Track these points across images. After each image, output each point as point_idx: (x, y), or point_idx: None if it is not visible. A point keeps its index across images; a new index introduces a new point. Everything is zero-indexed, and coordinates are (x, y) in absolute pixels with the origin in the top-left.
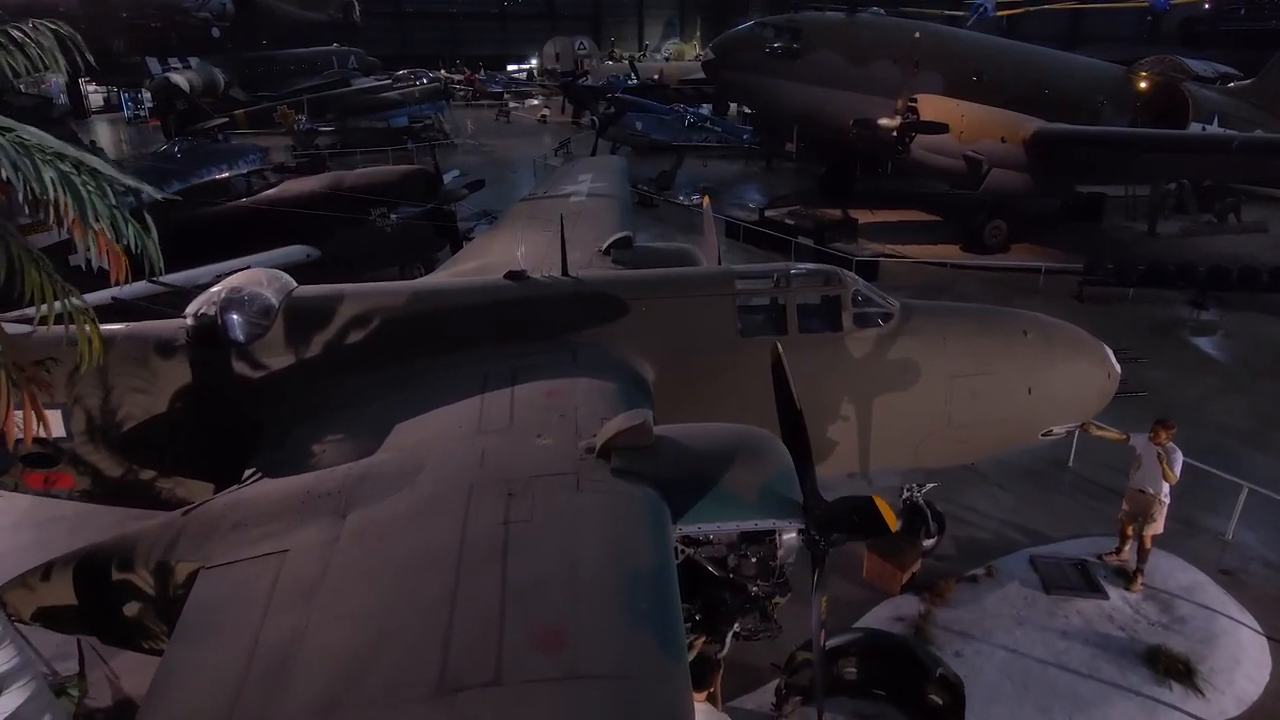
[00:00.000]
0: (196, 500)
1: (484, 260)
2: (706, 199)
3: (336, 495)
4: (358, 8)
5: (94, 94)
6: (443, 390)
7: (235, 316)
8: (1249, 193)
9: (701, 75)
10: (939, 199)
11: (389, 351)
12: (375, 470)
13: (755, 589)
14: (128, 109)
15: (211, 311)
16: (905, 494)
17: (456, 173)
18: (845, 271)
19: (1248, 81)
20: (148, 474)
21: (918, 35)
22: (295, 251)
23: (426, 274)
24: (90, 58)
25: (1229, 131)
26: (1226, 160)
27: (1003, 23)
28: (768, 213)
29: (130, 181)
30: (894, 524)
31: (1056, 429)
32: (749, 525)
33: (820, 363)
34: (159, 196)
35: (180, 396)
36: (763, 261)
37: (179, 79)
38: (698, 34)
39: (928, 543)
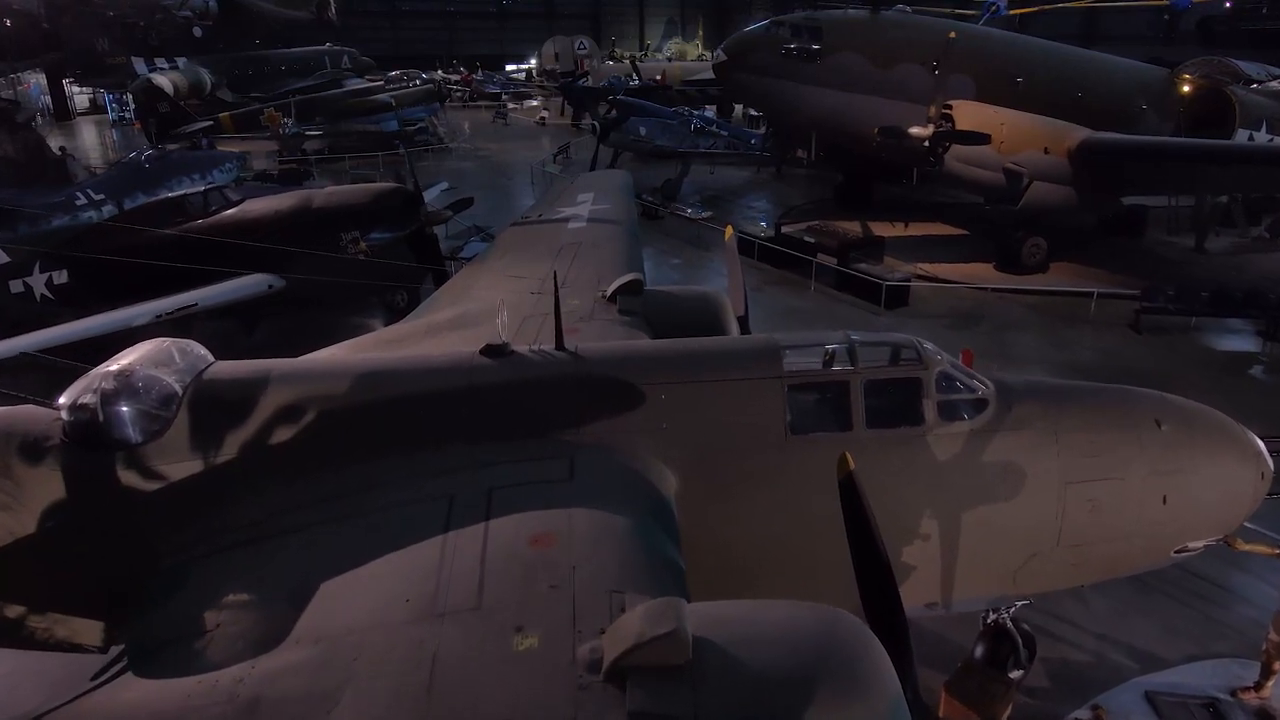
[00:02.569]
0: (81, 640)
1: (463, 308)
2: (730, 230)
3: None
4: (334, 5)
5: (79, 95)
6: (392, 523)
7: (124, 408)
8: None
9: (705, 76)
10: (965, 210)
11: (326, 456)
12: (272, 693)
13: None
14: (112, 110)
15: (92, 401)
16: (990, 617)
17: (445, 184)
18: (926, 344)
19: (1275, 83)
20: (15, 610)
21: (952, 35)
22: (256, 282)
23: (411, 302)
24: None
25: None
26: None
27: (1015, 22)
28: (785, 229)
29: None
30: None
31: (1193, 544)
32: None
33: (895, 468)
34: None
35: (53, 514)
36: (778, 278)
37: (161, 80)
38: (700, 33)
39: (1015, 674)
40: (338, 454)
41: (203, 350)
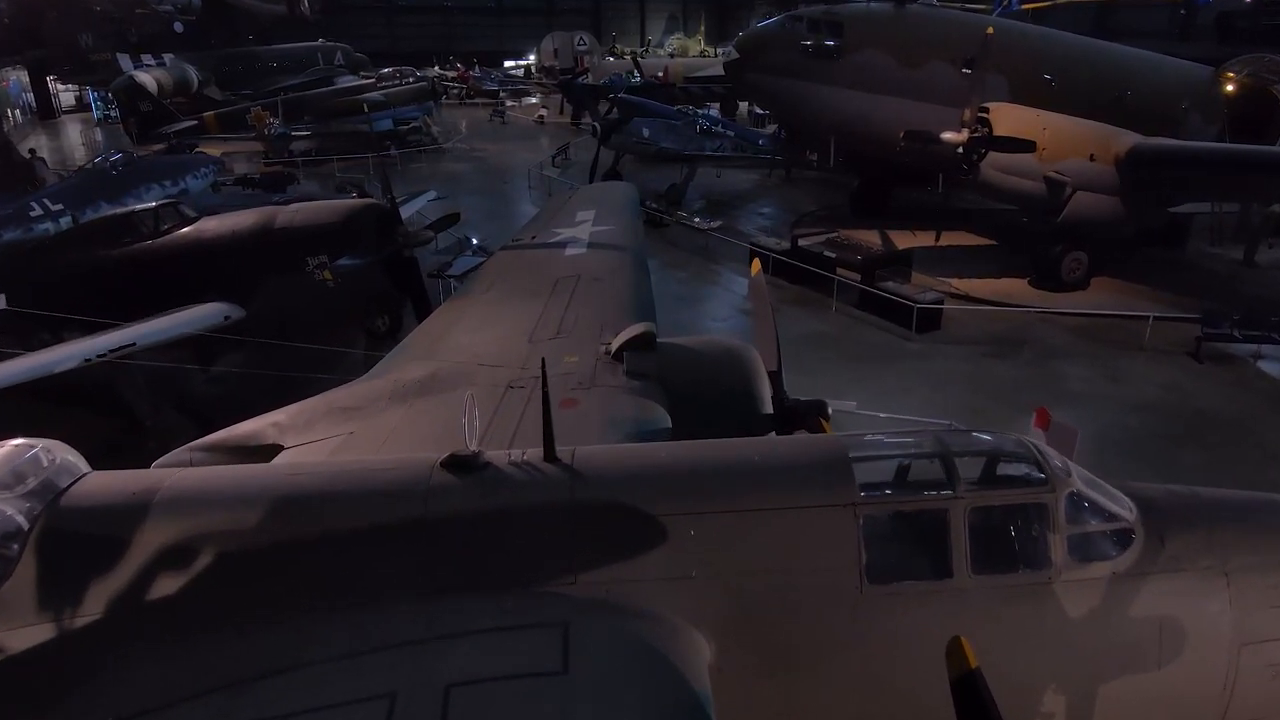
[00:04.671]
0: None
1: (437, 364)
2: (756, 265)
3: None
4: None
5: (65, 92)
6: None
7: None
8: None
9: (709, 72)
10: (993, 218)
11: (225, 621)
12: None
13: None
14: (97, 109)
15: None
16: None
17: (433, 193)
18: (1047, 450)
19: None
20: None
21: (990, 31)
22: (209, 313)
23: (392, 327)
24: None
25: None
26: None
27: (1027, 17)
28: (802, 241)
29: None
30: None
31: None
32: None
33: (1012, 628)
34: None
35: None
36: (795, 295)
37: (144, 78)
38: (701, 28)
39: None
40: (241, 617)
41: (72, 456)
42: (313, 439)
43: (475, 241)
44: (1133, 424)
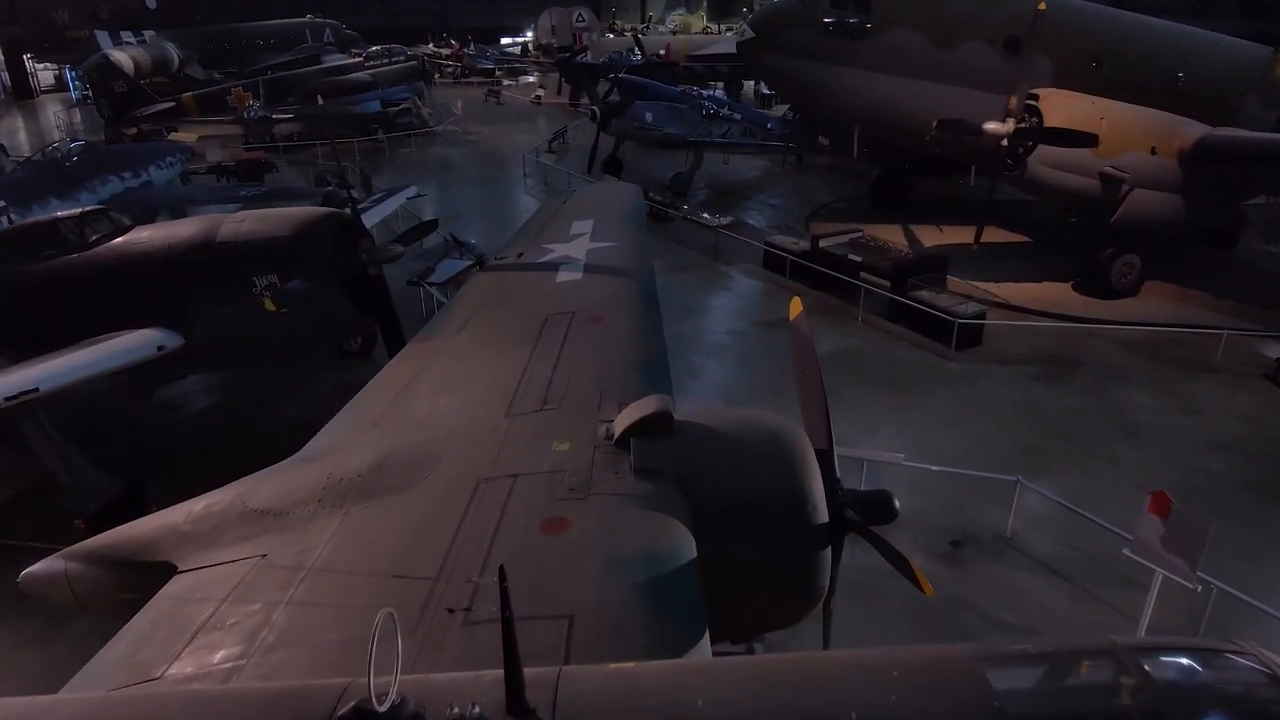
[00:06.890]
0: None
1: (389, 443)
2: (796, 305)
3: None
4: None
5: (43, 72)
6: None
7: None
8: None
9: (713, 50)
10: (1027, 212)
11: None
12: None
13: None
14: (75, 89)
15: None
16: None
17: (413, 190)
18: None
19: None
20: None
21: (1042, 7)
22: (141, 342)
23: (365, 346)
24: None
25: None
26: None
27: None
28: (823, 243)
29: None
30: None
31: None
32: None
33: None
34: None
35: None
36: (815, 303)
37: (119, 56)
38: (704, 4)
39: None
40: None
41: None
42: (215, 560)
43: (473, 242)
44: (1215, 468)
